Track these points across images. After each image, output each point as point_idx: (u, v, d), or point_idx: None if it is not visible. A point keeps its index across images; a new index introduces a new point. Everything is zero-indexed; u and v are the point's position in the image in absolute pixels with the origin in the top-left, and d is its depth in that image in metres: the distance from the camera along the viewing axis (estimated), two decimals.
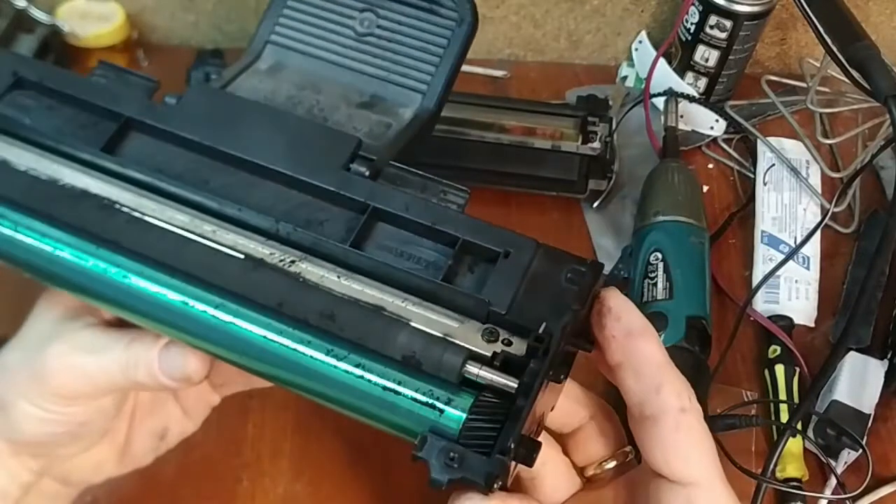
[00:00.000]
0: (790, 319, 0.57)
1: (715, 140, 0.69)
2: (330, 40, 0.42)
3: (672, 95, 0.65)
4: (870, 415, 0.51)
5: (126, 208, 0.35)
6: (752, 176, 0.65)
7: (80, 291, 0.34)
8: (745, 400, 0.54)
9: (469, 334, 0.32)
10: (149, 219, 0.34)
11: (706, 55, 0.67)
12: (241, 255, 0.34)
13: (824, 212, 0.62)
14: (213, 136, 0.36)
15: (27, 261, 0.34)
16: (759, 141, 0.66)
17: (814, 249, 0.60)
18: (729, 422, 0.51)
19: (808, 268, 0.59)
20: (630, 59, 0.74)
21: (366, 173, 0.36)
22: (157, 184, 0.35)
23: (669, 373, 0.32)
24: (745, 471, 0.48)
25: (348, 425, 0.51)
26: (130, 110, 0.37)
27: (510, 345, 0.32)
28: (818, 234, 0.60)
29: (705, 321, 0.53)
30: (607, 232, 0.63)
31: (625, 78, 0.74)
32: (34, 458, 0.37)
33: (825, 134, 0.68)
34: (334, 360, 0.31)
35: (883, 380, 0.53)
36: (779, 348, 0.55)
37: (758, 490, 0.48)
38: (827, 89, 0.69)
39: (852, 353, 0.53)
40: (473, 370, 0.30)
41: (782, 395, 0.53)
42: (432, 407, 0.30)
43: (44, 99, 0.38)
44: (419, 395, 0.30)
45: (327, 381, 0.31)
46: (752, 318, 0.57)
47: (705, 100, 0.69)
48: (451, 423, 0.30)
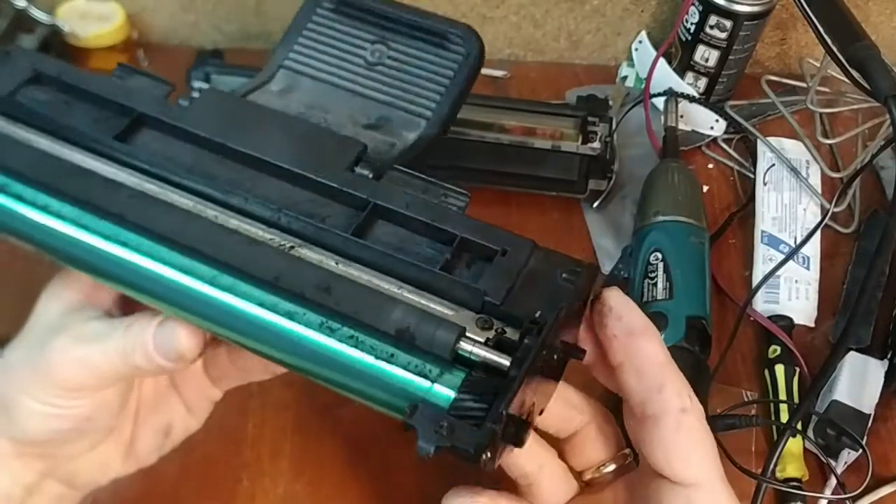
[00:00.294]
0: (790, 319, 0.57)
1: (715, 140, 0.69)
2: (341, 67, 0.44)
3: (672, 95, 0.65)
4: (870, 415, 0.51)
5: (130, 187, 0.36)
6: (752, 176, 0.65)
7: (73, 261, 0.35)
8: (745, 400, 0.54)
9: (464, 322, 0.32)
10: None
11: (706, 55, 0.67)
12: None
13: (824, 212, 0.62)
14: (222, 133, 0.37)
15: (31, 234, 0.35)
16: (759, 141, 0.66)
17: (814, 249, 0.60)
18: (729, 422, 0.51)
19: (808, 268, 0.59)
20: (630, 59, 0.74)
21: (369, 175, 0.37)
22: (163, 173, 0.36)
23: (671, 372, 0.32)
24: (745, 471, 0.48)
25: (348, 425, 0.51)
26: (143, 107, 0.38)
27: (504, 333, 0.32)
28: (818, 234, 0.60)
29: (705, 321, 0.53)
30: (607, 232, 0.63)
31: (625, 78, 0.74)
32: (39, 458, 0.37)
33: (825, 134, 0.68)
34: (327, 332, 0.31)
35: (883, 380, 0.53)
36: (779, 348, 0.55)
37: (758, 490, 0.48)
38: (827, 89, 0.69)
39: (852, 353, 0.53)
40: (467, 347, 0.31)
41: (782, 395, 0.53)
42: (424, 377, 0.30)
43: (60, 94, 0.40)
44: (410, 368, 0.31)
45: (320, 352, 0.32)
46: (752, 318, 0.57)
47: (705, 100, 0.69)
48: (441, 396, 0.30)
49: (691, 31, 0.67)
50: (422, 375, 0.30)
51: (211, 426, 0.44)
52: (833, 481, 0.50)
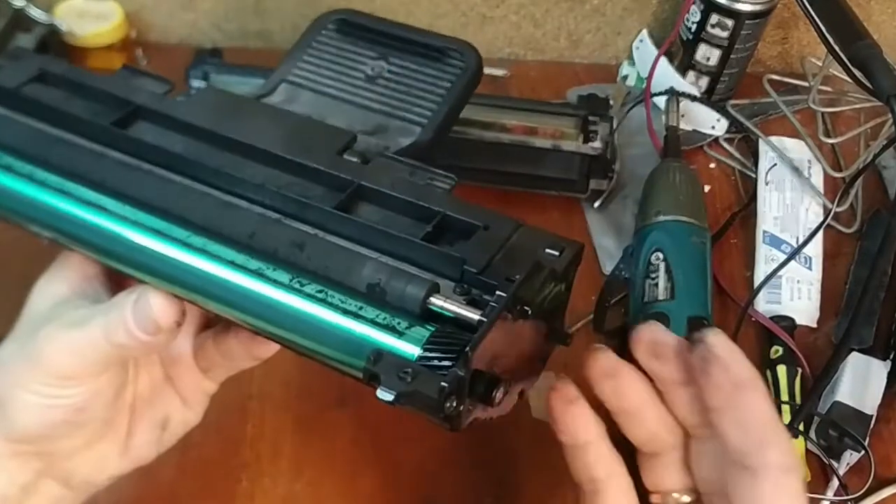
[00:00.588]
0: (792, 320, 0.57)
1: (716, 139, 0.69)
2: (341, 81, 0.45)
3: (673, 95, 0.65)
4: (872, 416, 0.51)
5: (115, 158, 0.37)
6: (753, 175, 0.65)
7: (51, 227, 0.37)
8: None
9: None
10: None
11: (708, 54, 0.67)
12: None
13: (826, 211, 0.62)
14: (214, 123, 0.38)
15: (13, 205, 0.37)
16: (760, 140, 0.66)
17: (816, 249, 0.60)
18: None
19: (810, 268, 0.59)
20: (631, 58, 0.73)
21: (357, 161, 0.38)
22: (154, 156, 0.37)
23: (777, 430, 0.31)
24: None
25: (348, 425, 0.51)
26: (140, 100, 0.39)
27: (481, 299, 0.32)
28: (820, 234, 0.60)
29: (707, 321, 0.53)
30: (608, 232, 0.63)
31: (626, 77, 0.74)
32: (35, 456, 0.37)
33: (827, 133, 0.68)
34: (296, 288, 0.32)
35: (885, 380, 0.52)
36: (781, 349, 0.55)
37: None
38: (829, 88, 0.69)
39: (854, 354, 0.53)
40: (438, 302, 0.30)
41: (784, 396, 0.53)
42: (392, 331, 0.30)
43: (63, 90, 0.41)
44: (378, 321, 0.30)
45: (286, 309, 0.32)
46: (753, 319, 0.57)
47: (707, 99, 0.69)
48: (408, 351, 0.29)
49: (693, 29, 0.67)
50: (390, 329, 0.30)
51: (210, 427, 0.44)
52: (835, 482, 0.50)
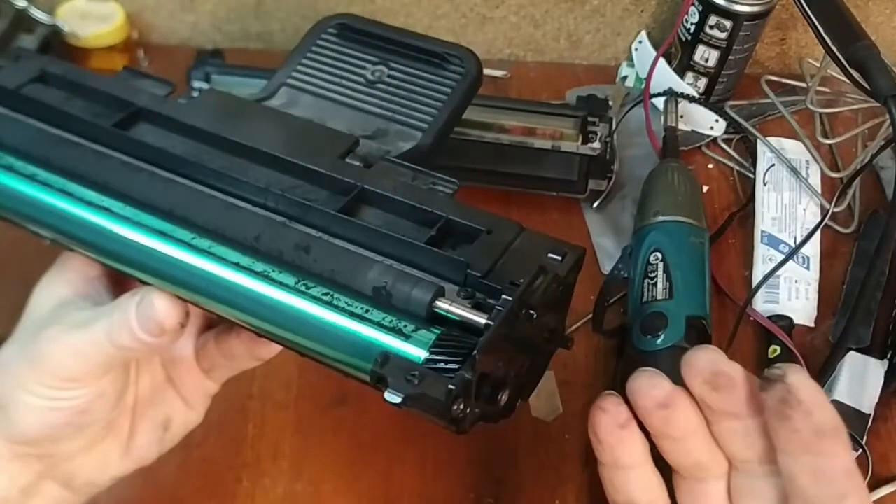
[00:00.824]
0: (790, 319, 0.57)
1: (715, 140, 0.69)
2: (342, 85, 0.45)
3: (672, 95, 0.65)
4: (870, 414, 0.51)
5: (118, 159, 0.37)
6: (751, 176, 0.65)
7: (55, 229, 0.37)
8: None
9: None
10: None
11: (706, 55, 0.67)
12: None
13: (824, 212, 0.62)
14: (216, 126, 0.38)
15: (16, 207, 0.37)
16: (758, 141, 0.66)
17: (814, 249, 0.60)
18: None
19: (807, 268, 0.59)
20: (630, 59, 0.74)
21: (359, 164, 0.38)
22: (155, 157, 0.37)
23: (856, 482, 0.30)
24: None
25: (348, 425, 0.51)
26: (142, 102, 0.39)
27: (484, 301, 0.32)
28: (818, 234, 0.60)
29: (705, 321, 0.53)
30: (607, 232, 0.63)
31: (625, 78, 0.74)
32: (36, 458, 0.37)
33: (825, 134, 0.68)
34: (302, 291, 0.32)
35: (883, 380, 0.53)
36: (779, 348, 0.55)
37: None
38: (827, 89, 0.69)
39: (852, 353, 0.53)
40: (444, 305, 0.30)
41: None
42: (398, 334, 0.30)
43: (64, 91, 0.41)
44: (385, 324, 0.30)
45: (293, 312, 0.32)
46: (751, 318, 0.57)
47: (705, 100, 0.69)
48: (414, 355, 0.29)
49: (691, 31, 0.67)
50: (396, 332, 0.30)
51: (211, 427, 0.44)
52: None
